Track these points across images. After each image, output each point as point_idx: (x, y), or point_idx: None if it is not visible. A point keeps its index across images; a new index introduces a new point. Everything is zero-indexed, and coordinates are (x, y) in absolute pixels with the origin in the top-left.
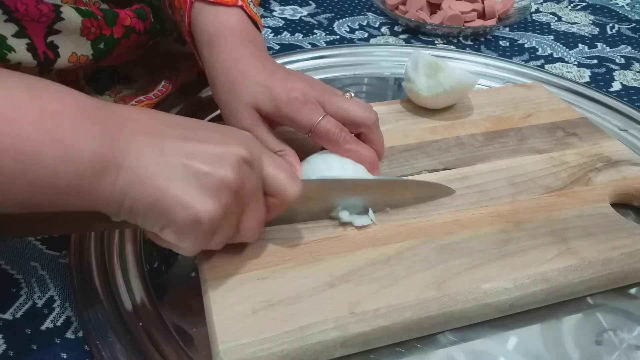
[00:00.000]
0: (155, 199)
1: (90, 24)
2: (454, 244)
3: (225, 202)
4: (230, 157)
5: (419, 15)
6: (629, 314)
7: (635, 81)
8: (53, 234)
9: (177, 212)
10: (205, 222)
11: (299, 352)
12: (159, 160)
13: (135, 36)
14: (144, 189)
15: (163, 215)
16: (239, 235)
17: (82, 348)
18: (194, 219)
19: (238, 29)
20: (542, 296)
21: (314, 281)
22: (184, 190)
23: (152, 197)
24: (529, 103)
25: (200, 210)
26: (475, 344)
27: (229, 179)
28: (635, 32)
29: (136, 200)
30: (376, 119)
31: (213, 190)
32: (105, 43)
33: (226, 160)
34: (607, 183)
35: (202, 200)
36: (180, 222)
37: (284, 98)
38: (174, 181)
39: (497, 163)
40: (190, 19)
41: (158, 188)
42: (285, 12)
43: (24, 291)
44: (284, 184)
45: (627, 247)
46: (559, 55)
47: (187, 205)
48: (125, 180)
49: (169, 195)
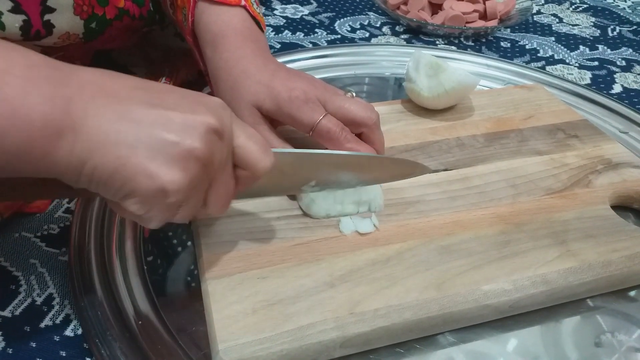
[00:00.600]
0: (116, 167)
1: (82, 1)
2: (454, 245)
3: (192, 174)
4: (198, 126)
5: (421, 16)
6: (629, 316)
7: (636, 83)
8: (13, 199)
9: (140, 182)
10: (171, 193)
11: (298, 351)
12: (122, 127)
13: (128, 19)
14: (105, 156)
15: (125, 184)
16: (206, 209)
17: (81, 346)
18: (158, 188)
19: (241, 28)
20: (542, 298)
21: (314, 281)
22: (148, 159)
23: (113, 165)
24: (529, 104)
25: (166, 181)
26: (475, 345)
27: (197, 150)
28: (637, 35)
29: (96, 168)
30: (377, 119)
31: (180, 161)
32: (97, 23)
33: (194, 130)
34: (608, 185)
35: (167, 170)
36: (144, 191)
37: (286, 97)
38: (138, 149)
39: (497, 164)
40: (194, 17)
41: (120, 156)
42: (286, 10)
43: (23, 288)
44: (255, 155)
45: (627, 249)
46: (560, 57)
47: (152, 175)
48: (83, 146)
49: (131, 164)
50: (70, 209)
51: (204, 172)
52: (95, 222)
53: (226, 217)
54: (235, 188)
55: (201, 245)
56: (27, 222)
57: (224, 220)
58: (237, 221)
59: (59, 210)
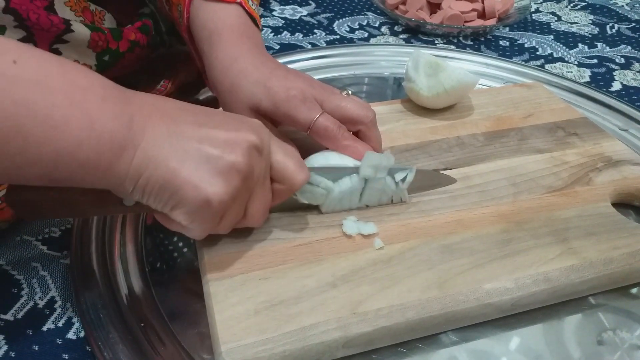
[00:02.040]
0: (167, 178)
1: (98, 37)
2: (455, 244)
3: (234, 186)
4: (241, 142)
5: (419, 15)
6: (631, 313)
7: (635, 81)
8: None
9: (187, 192)
10: (215, 204)
11: (301, 352)
12: (173, 142)
13: (139, 50)
14: (157, 169)
15: (174, 195)
16: (245, 220)
17: (84, 349)
18: (204, 199)
19: (237, 25)
20: (543, 296)
21: (316, 281)
22: (195, 172)
23: (164, 177)
24: (529, 103)
25: (210, 192)
26: (478, 344)
27: (239, 164)
28: (635, 32)
29: (149, 179)
30: (374, 117)
31: (223, 174)
32: (110, 56)
33: (237, 146)
34: (608, 183)
35: (212, 182)
36: (190, 202)
37: (283, 96)
38: (187, 162)
39: (498, 163)
40: (190, 14)
41: (171, 168)
42: (285, 11)
43: (25, 292)
44: (291, 171)
45: (629, 246)
46: (559, 55)
47: (198, 186)
48: (140, 159)
49: (181, 176)
50: None
51: (245, 185)
52: (97, 225)
53: None
54: (272, 201)
55: (203, 246)
56: (28, 226)
57: None
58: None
59: None
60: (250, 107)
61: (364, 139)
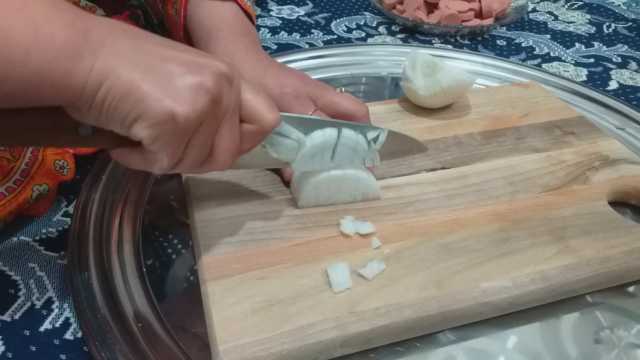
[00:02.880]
0: (129, 89)
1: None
2: (452, 243)
3: (202, 104)
4: (210, 67)
5: (416, 15)
6: (628, 312)
7: (631, 80)
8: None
9: (150, 104)
10: (181, 119)
11: (298, 351)
12: (137, 57)
13: None
14: (120, 78)
15: (135, 108)
16: (211, 159)
17: (81, 349)
18: (168, 112)
19: (233, 22)
20: (541, 295)
21: (313, 281)
22: (160, 85)
23: (126, 88)
24: (526, 102)
25: (176, 106)
26: (475, 342)
27: (207, 85)
28: (632, 31)
29: (110, 89)
30: (366, 112)
31: (190, 90)
32: None
33: (206, 69)
34: (605, 181)
35: (178, 96)
36: (153, 114)
37: (277, 93)
38: (152, 76)
39: (495, 162)
40: (187, 12)
41: (134, 79)
42: (282, 11)
43: (22, 292)
44: (262, 109)
45: (625, 245)
46: (556, 54)
47: (162, 98)
48: (100, 69)
49: (144, 87)
50: (69, 212)
51: (213, 110)
52: (94, 225)
53: (225, 217)
54: (241, 144)
55: (200, 246)
56: (25, 226)
57: (222, 221)
58: (236, 222)
59: (57, 213)
60: None
61: None
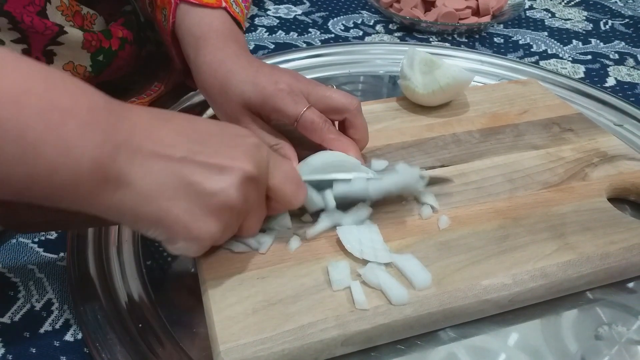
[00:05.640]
0: (158, 217)
1: (90, 37)
2: (452, 240)
3: (225, 222)
4: (236, 173)
5: (414, 13)
6: (628, 308)
7: (629, 76)
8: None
9: (179, 231)
10: (206, 240)
11: (299, 351)
12: (164, 179)
13: (129, 46)
14: (148, 207)
15: (166, 232)
16: (239, 233)
17: (82, 350)
18: (194, 238)
19: (222, 30)
20: (541, 291)
21: (314, 280)
22: (186, 212)
23: (155, 216)
24: (524, 99)
25: (202, 232)
26: (476, 340)
27: (232, 200)
28: (629, 28)
29: (139, 216)
30: (358, 105)
31: (215, 212)
32: (104, 55)
33: (231, 180)
34: (604, 178)
35: (204, 221)
36: (182, 239)
37: (271, 90)
38: (178, 200)
39: (494, 159)
40: (175, 19)
41: (162, 208)
42: (279, 11)
43: (22, 294)
44: (289, 195)
45: (625, 241)
46: (553, 51)
47: (189, 227)
48: (127, 196)
49: (172, 216)
50: None
51: (237, 218)
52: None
53: None
54: (267, 214)
55: None
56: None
57: None
58: None
59: None
60: (241, 105)
61: (350, 127)
